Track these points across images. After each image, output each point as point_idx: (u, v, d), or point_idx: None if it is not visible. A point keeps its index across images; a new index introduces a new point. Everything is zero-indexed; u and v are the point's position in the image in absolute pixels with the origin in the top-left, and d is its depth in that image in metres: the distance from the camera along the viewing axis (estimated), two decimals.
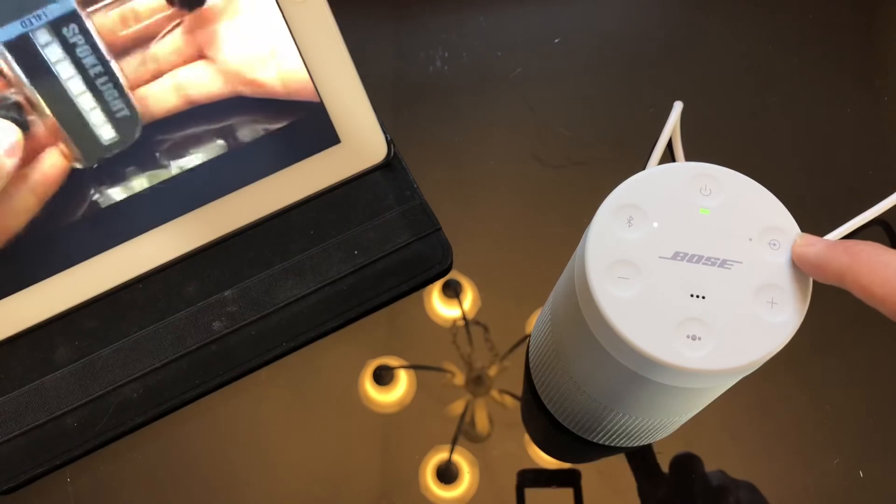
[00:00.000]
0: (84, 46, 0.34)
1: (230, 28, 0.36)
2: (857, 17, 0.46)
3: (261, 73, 0.37)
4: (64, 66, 0.34)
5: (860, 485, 0.36)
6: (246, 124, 0.38)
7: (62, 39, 0.34)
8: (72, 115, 0.35)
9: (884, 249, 0.22)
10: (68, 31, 0.34)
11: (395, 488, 0.36)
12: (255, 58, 0.37)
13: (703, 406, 0.30)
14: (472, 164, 0.42)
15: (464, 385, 0.37)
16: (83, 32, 0.34)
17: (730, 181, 0.26)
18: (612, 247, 0.25)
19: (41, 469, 0.35)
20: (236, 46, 0.36)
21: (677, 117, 0.42)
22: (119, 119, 0.36)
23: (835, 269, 0.23)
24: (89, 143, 0.36)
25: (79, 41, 0.34)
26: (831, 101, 0.44)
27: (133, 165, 0.37)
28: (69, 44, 0.34)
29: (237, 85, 0.37)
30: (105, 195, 0.37)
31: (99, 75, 0.35)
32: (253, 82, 0.37)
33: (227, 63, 0.37)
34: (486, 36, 0.45)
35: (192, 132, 0.37)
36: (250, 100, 0.37)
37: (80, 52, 0.34)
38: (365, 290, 0.38)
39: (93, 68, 0.35)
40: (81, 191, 0.36)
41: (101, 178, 0.36)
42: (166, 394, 0.36)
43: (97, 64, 0.35)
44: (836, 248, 0.23)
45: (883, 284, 0.21)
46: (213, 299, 0.37)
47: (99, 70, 0.35)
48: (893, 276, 0.21)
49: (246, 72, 0.37)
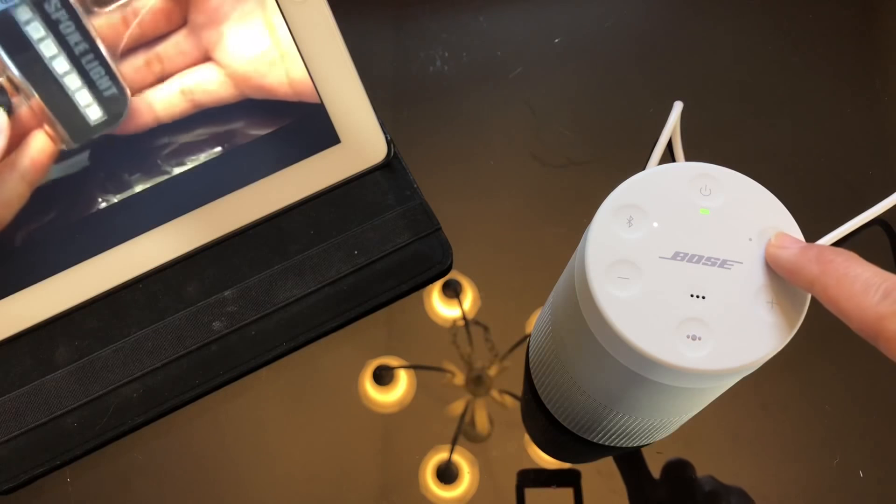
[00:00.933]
0: (67, 23, 0.33)
1: (230, 28, 0.36)
2: (857, 17, 0.46)
3: (260, 72, 0.37)
4: (47, 44, 0.33)
5: (860, 485, 0.36)
6: (246, 124, 0.38)
7: (44, 15, 0.33)
8: (57, 96, 0.34)
9: (856, 261, 0.22)
10: (50, 6, 0.33)
11: (395, 488, 0.36)
12: (254, 58, 0.37)
13: (703, 406, 0.30)
14: (472, 164, 0.42)
15: (464, 385, 0.37)
16: (66, 7, 0.33)
17: (730, 181, 0.26)
18: (612, 247, 0.25)
19: (41, 469, 0.35)
20: (236, 47, 0.36)
21: (677, 117, 0.42)
22: (106, 98, 0.35)
23: (805, 276, 0.23)
24: (76, 123, 0.35)
25: (62, 17, 0.33)
26: (831, 101, 0.44)
27: (133, 166, 0.37)
28: (52, 20, 0.33)
29: (237, 86, 0.37)
30: (105, 195, 0.37)
31: (84, 53, 0.34)
32: (253, 82, 0.37)
33: (229, 64, 0.36)
34: (486, 36, 0.45)
35: (195, 134, 0.37)
36: (250, 101, 0.37)
37: (64, 28, 0.33)
38: (365, 290, 0.38)
39: (77, 46, 0.33)
40: (76, 181, 0.36)
41: (99, 173, 0.36)
42: (166, 394, 0.36)
43: (82, 41, 0.33)
44: (807, 255, 0.23)
45: (850, 298, 0.21)
46: (213, 299, 0.37)
47: (84, 47, 0.34)
48: (861, 290, 0.21)
49: (245, 72, 0.37)
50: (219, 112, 0.37)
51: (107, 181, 0.37)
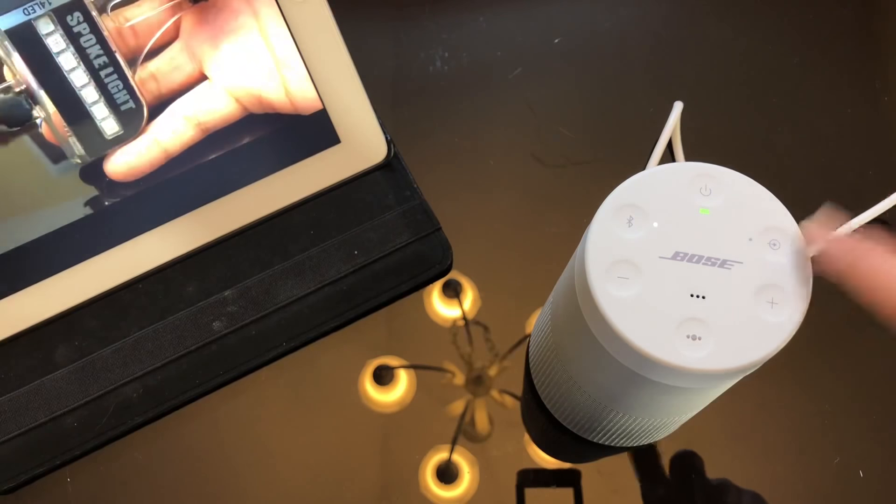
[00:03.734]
0: (88, 36, 0.33)
1: (232, 28, 0.36)
2: (857, 17, 0.46)
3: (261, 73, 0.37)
4: (66, 56, 0.33)
5: (860, 485, 0.36)
6: (247, 124, 0.38)
7: (66, 28, 0.33)
8: (75, 109, 0.35)
9: (884, 253, 0.22)
10: (72, 19, 0.33)
11: (395, 488, 0.36)
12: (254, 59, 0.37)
13: (703, 406, 0.30)
14: (472, 164, 0.42)
15: (464, 385, 0.37)
16: (87, 21, 0.33)
17: (730, 181, 0.26)
18: (612, 247, 0.25)
19: (41, 469, 0.35)
20: (232, 60, 0.36)
21: (677, 117, 0.42)
22: (123, 112, 0.35)
23: (837, 268, 0.22)
24: (92, 136, 0.35)
25: (83, 30, 0.33)
26: (831, 101, 0.44)
27: None
28: (73, 33, 0.33)
29: (238, 102, 0.37)
30: (105, 194, 0.37)
31: (103, 66, 0.34)
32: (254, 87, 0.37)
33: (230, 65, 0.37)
34: (486, 36, 0.45)
35: (205, 147, 0.37)
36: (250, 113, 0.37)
37: (84, 41, 0.33)
38: (365, 290, 0.38)
39: (97, 59, 0.34)
40: (82, 188, 0.36)
41: (101, 177, 0.36)
42: (166, 394, 0.36)
43: (102, 55, 0.34)
44: (841, 246, 0.23)
45: (885, 288, 0.21)
46: (213, 299, 0.37)
47: (103, 61, 0.34)
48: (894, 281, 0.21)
49: (248, 72, 0.37)
50: (226, 120, 0.37)
51: (106, 188, 0.37)
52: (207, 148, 0.37)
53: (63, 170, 0.36)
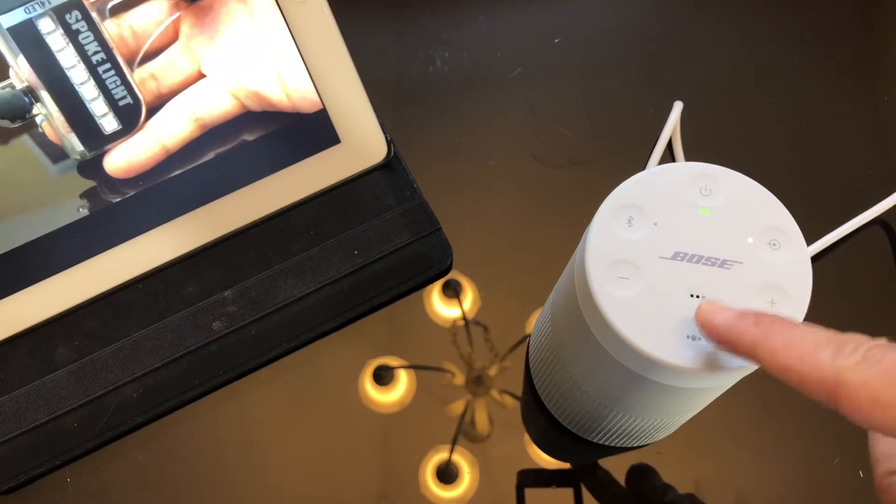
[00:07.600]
0: (86, 34, 0.34)
1: (231, 27, 0.36)
2: (857, 17, 0.46)
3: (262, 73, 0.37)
4: (66, 54, 0.34)
5: (860, 485, 0.36)
6: (246, 122, 0.38)
7: (65, 26, 0.33)
8: (74, 105, 0.35)
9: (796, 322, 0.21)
10: (70, 17, 0.33)
11: (395, 488, 0.36)
12: (254, 58, 0.37)
13: (703, 406, 0.30)
14: (472, 164, 0.42)
15: (464, 385, 0.37)
16: (85, 19, 0.33)
17: (730, 181, 0.26)
18: (612, 247, 0.25)
19: (41, 469, 0.35)
20: (231, 57, 0.36)
21: (677, 117, 0.42)
22: (122, 108, 0.35)
23: (746, 341, 0.21)
24: (92, 133, 0.35)
25: (81, 28, 0.33)
26: (831, 101, 0.44)
27: None
28: (72, 31, 0.33)
29: (238, 98, 0.37)
30: (105, 193, 0.37)
31: (101, 63, 0.34)
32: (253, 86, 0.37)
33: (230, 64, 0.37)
34: (486, 36, 0.45)
35: (203, 145, 0.37)
36: (251, 112, 0.37)
37: (83, 38, 0.34)
38: (365, 290, 0.38)
39: (95, 55, 0.34)
40: (82, 187, 0.36)
41: (101, 175, 0.36)
42: (166, 394, 0.36)
43: (100, 51, 0.34)
44: (746, 320, 0.21)
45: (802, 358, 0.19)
46: (213, 299, 0.37)
47: (101, 58, 0.34)
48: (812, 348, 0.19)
49: (247, 72, 0.37)
50: (226, 121, 0.37)
51: (105, 186, 0.37)
52: (206, 145, 0.37)
53: (63, 169, 0.36)
